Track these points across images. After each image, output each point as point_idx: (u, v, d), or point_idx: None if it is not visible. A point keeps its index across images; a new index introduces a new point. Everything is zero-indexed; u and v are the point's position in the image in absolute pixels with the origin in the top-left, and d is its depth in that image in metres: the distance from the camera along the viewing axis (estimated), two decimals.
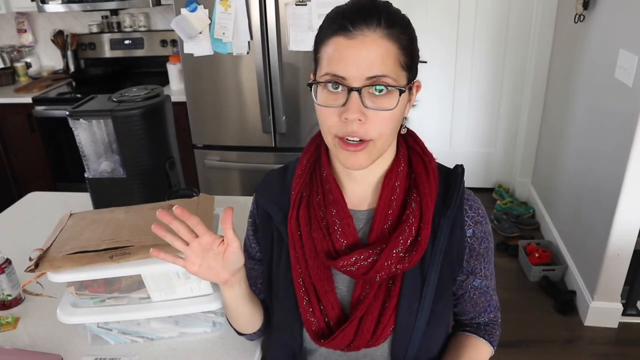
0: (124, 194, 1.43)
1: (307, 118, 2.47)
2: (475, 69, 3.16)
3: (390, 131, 0.76)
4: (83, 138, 1.42)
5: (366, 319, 0.81)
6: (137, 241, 0.98)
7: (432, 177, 0.83)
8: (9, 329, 1.11)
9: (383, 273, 0.79)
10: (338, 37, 0.73)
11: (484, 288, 0.93)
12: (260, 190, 0.93)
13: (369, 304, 0.81)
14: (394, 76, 0.73)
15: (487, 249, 0.89)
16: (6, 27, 3.39)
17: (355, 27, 0.71)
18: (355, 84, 0.72)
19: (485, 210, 0.90)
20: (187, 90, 2.55)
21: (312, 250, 0.83)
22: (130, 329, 1.06)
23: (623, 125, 1.90)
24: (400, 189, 0.83)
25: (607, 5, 2.11)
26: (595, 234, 2.16)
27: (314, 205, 0.85)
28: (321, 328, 0.84)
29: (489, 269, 0.92)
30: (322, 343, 0.84)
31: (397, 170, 0.83)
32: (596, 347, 2.13)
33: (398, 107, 0.74)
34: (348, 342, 0.83)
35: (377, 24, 0.72)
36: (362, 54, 0.71)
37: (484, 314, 0.96)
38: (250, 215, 0.97)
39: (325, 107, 0.75)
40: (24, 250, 1.16)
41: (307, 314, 0.84)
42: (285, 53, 2.35)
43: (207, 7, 2.31)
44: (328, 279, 0.84)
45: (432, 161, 0.85)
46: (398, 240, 0.79)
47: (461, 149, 3.37)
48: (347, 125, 0.73)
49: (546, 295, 2.42)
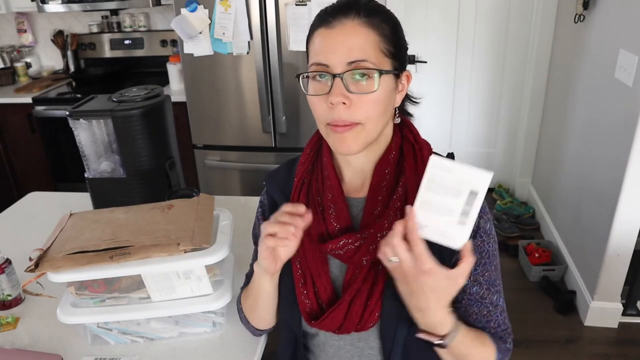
0: (124, 194, 1.43)
1: (307, 118, 2.47)
2: (475, 69, 3.16)
3: (378, 115, 0.79)
4: (83, 138, 1.42)
5: (355, 302, 0.83)
6: (137, 241, 0.98)
7: (421, 164, 0.83)
8: (9, 329, 1.12)
9: (368, 257, 0.81)
10: (320, 29, 0.78)
11: (474, 295, 0.85)
12: (269, 177, 0.97)
13: (357, 288, 0.83)
14: (374, 61, 0.76)
15: (480, 248, 0.83)
16: (6, 27, 3.39)
17: (334, 18, 0.77)
18: (337, 70, 0.76)
19: (487, 207, 0.84)
20: (187, 90, 2.55)
21: (308, 234, 0.85)
22: (130, 329, 1.06)
23: (623, 125, 1.90)
24: (390, 175, 0.85)
25: (607, 5, 2.11)
26: (595, 234, 2.16)
27: (313, 191, 0.88)
28: (314, 310, 0.87)
29: (484, 275, 0.84)
30: (314, 324, 0.86)
31: (387, 158, 0.85)
32: (596, 347, 2.13)
33: (381, 90, 0.77)
34: (338, 324, 0.84)
35: (356, 14, 0.76)
36: (342, 41, 0.76)
37: (484, 329, 0.87)
38: (260, 204, 1.00)
39: (314, 97, 0.79)
40: (24, 250, 1.17)
41: (302, 295, 0.87)
42: (285, 53, 2.35)
43: (207, 7, 2.31)
44: (322, 262, 0.86)
45: (423, 149, 0.86)
46: (383, 224, 0.81)
47: (461, 149, 3.37)
48: (333, 111, 0.77)
49: (546, 295, 2.42)
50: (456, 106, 3.27)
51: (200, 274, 1.00)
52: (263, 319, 0.99)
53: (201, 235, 0.99)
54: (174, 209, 1.10)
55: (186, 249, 0.96)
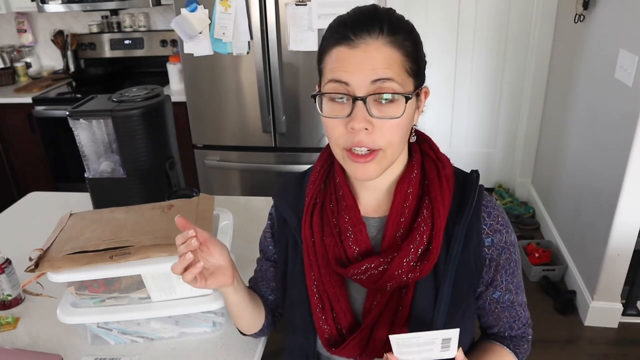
0: (124, 194, 1.43)
1: (307, 118, 2.47)
2: (475, 69, 3.15)
3: (399, 139, 0.74)
4: (83, 138, 1.42)
5: (378, 328, 0.80)
6: (137, 241, 0.98)
7: (445, 183, 0.80)
8: (9, 329, 1.11)
9: (393, 282, 0.77)
10: (340, 47, 0.71)
11: (507, 302, 0.87)
12: (278, 194, 0.92)
13: (379, 313, 0.80)
14: (399, 81, 0.71)
15: (508, 260, 0.84)
16: (6, 27, 3.39)
17: (357, 36, 0.70)
18: (360, 92, 0.70)
19: (507, 218, 0.85)
20: (187, 90, 2.55)
21: (325, 257, 0.82)
22: (130, 329, 1.06)
23: (623, 125, 1.90)
24: (413, 195, 0.80)
25: (607, 5, 2.11)
26: (595, 234, 2.16)
27: (327, 212, 0.83)
28: (333, 336, 0.83)
29: (513, 282, 0.86)
30: (334, 351, 0.83)
31: (409, 177, 0.81)
32: (596, 347, 2.13)
33: (405, 114, 0.72)
34: (360, 351, 0.81)
35: (380, 32, 0.70)
36: (365, 61, 0.70)
37: (509, 329, 0.92)
38: (269, 217, 0.97)
39: (331, 119, 0.73)
40: (24, 250, 1.16)
41: (320, 321, 0.84)
42: (285, 53, 2.35)
43: (207, 7, 2.31)
44: (340, 286, 0.83)
45: (447, 167, 0.82)
46: (409, 248, 0.77)
47: (461, 149, 3.37)
48: (353, 136, 0.72)
49: (546, 295, 2.42)
50: (456, 106, 3.27)
51: None
52: (245, 326, 0.98)
53: None
54: (174, 209, 1.10)
55: None
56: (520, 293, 0.89)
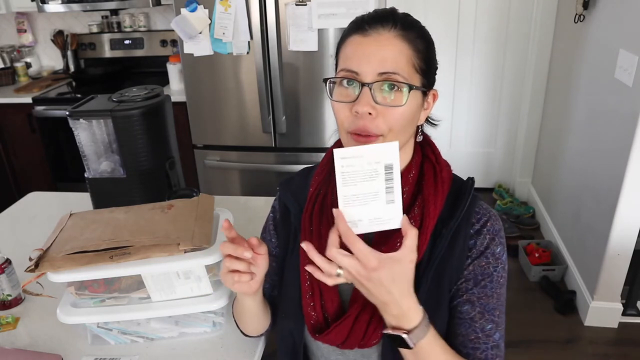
0: (124, 194, 1.43)
1: (307, 118, 2.47)
2: (475, 69, 3.16)
3: (401, 128, 0.77)
4: (83, 138, 1.42)
5: (361, 318, 0.82)
6: (137, 241, 0.98)
7: (440, 185, 0.82)
8: (9, 329, 1.11)
9: None
10: (355, 36, 0.77)
11: (466, 317, 0.81)
12: (284, 184, 0.96)
13: (363, 303, 0.81)
14: (405, 75, 0.75)
15: (483, 269, 0.81)
16: (6, 27, 3.39)
17: (371, 27, 0.76)
18: (367, 79, 0.75)
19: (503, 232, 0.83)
20: (187, 90, 2.55)
21: (320, 246, 0.83)
22: (130, 329, 1.06)
23: (623, 125, 1.90)
24: (408, 194, 0.83)
25: (607, 5, 2.11)
26: (595, 234, 2.16)
27: (328, 203, 0.86)
28: (319, 322, 0.86)
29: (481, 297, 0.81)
30: (318, 337, 0.85)
31: (407, 176, 0.83)
32: (596, 347, 2.13)
33: (408, 105, 0.76)
34: (342, 339, 0.83)
35: (393, 25, 0.76)
36: (376, 51, 0.75)
37: (462, 347, 0.82)
38: (272, 210, 0.99)
39: (338, 103, 0.78)
40: (24, 250, 1.16)
41: (309, 307, 0.86)
42: (285, 53, 2.35)
43: (207, 7, 2.31)
44: None
45: (444, 171, 0.84)
46: (395, 242, 0.78)
47: (461, 149, 3.37)
48: (358, 120, 0.76)
49: (546, 295, 2.42)
50: (456, 106, 3.27)
51: (200, 274, 1.00)
52: (253, 329, 0.99)
53: (201, 235, 0.99)
54: (174, 209, 1.11)
55: (186, 249, 0.96)
56: (489, 322, 0.81)
